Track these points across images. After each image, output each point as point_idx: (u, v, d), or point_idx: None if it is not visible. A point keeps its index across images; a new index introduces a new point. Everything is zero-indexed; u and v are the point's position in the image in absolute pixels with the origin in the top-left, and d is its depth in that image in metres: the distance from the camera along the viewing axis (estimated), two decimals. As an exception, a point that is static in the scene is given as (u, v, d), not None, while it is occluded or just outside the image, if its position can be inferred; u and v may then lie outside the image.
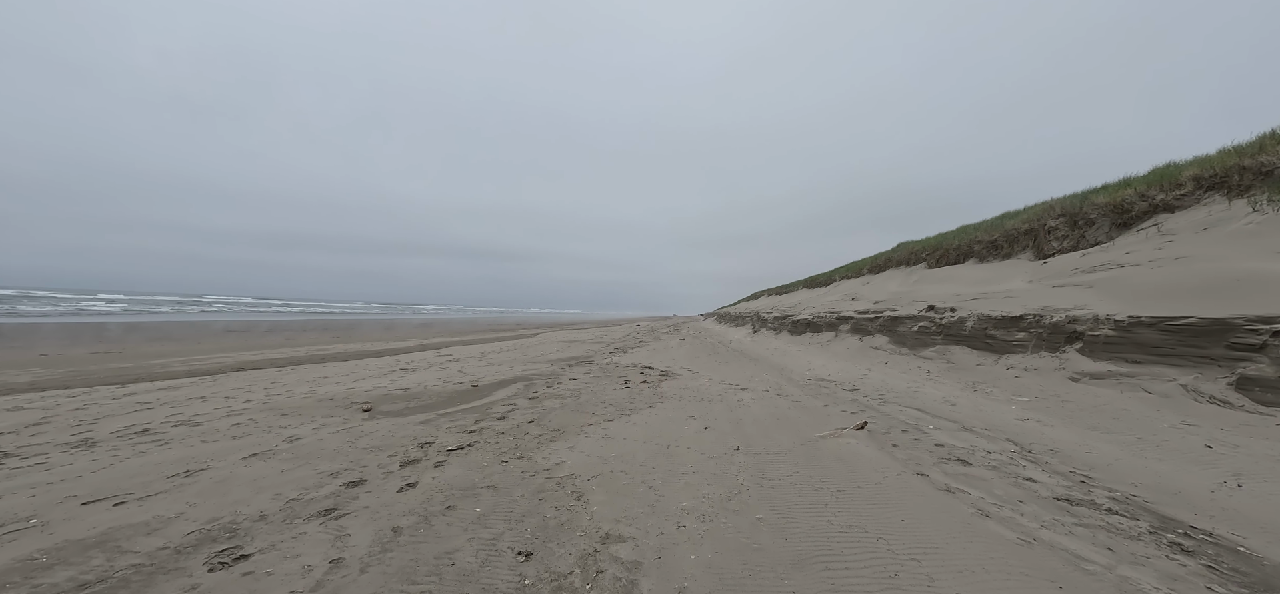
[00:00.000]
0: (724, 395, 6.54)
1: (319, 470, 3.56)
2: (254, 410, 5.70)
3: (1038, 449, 3.89)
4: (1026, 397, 5.64)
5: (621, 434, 4.53)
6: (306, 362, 11.19)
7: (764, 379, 8.13)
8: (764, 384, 7.55)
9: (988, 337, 7.95)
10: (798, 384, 7.51)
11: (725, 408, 5.70)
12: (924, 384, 7.05)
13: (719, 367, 10.13)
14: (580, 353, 13.54)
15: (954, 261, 16.37)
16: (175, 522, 2.73)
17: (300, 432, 4.71)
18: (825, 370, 8.98)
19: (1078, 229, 11.94)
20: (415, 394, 6.69)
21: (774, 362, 10.78)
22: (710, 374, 8.87)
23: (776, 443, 4.16)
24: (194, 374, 8.91)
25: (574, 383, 7.75)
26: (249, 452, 4.06)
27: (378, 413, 5.63)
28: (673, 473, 3.45)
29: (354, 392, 6.85)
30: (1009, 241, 14.09)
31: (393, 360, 11.63)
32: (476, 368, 9.69)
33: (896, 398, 6.13)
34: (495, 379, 8.08)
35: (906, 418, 5.05)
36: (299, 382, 7.92)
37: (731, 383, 7.73)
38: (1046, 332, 6.96)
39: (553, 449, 4.08)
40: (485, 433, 4.61)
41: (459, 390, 7.01)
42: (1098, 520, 2.66)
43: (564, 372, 9.20)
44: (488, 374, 8.69)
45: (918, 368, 8.38)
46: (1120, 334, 5.96)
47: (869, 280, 20.99)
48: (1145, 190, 10.58)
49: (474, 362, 11.00)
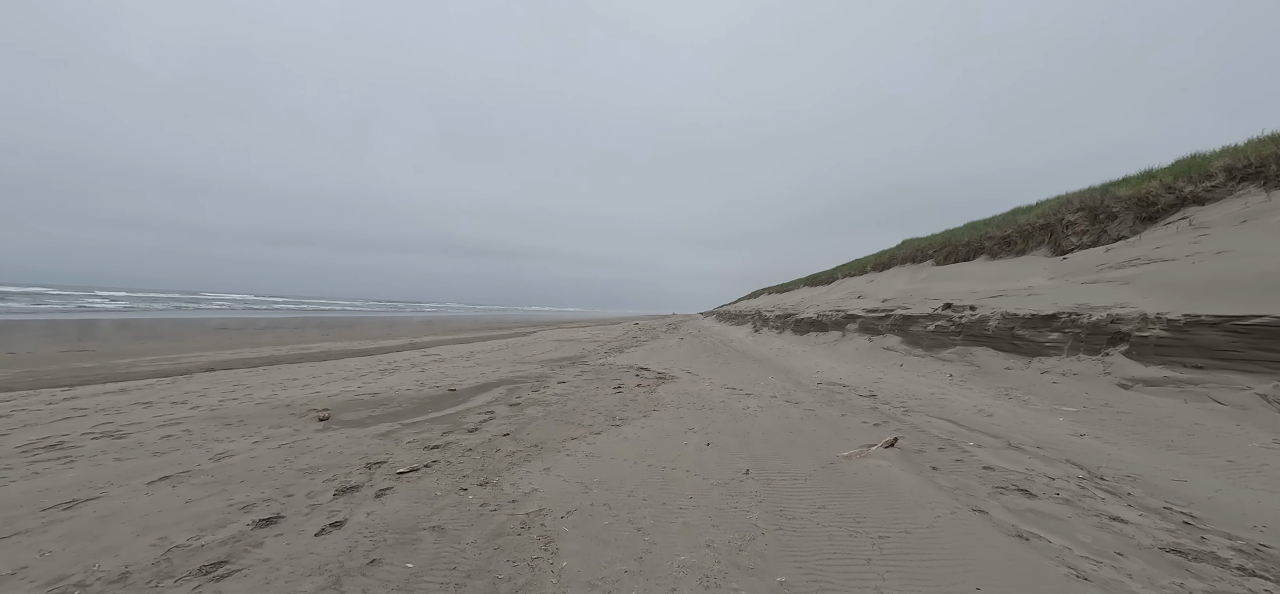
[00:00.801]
0: (727, 402, 5.87)
1: (231, 502, 2.88)
2: (197, 419, 5.02)
3: (1110, 475, 3.21)
4: (1072, 406, 4.97)
5: (609, 451, 3.86)
6: (284, 361, 10.51)
7: (770, 383, 7.45)
8: (770, 389, 6.88)
9: (1015, 337, 7.28)
10: (807, 389, 6.83)
11: (729, 418, 5.02)
12: (949, 390, 6.37)
13: (720, 368, 9.46)
14: (574, 353, 12.86)
15: (963, 258, 15.73)
16: (4, 583, 2.06)
17: (236, 446, 4.04)
18: (835, 373, 8.30)
19: (1098, 224, 11.29)
20: (384, 399, 6.00)
21: (779, 363, 10.10)
22: (711, 377, 8.19)
23: (793, 464, 3.48)
24: (158, 375, 8.23)
25: (562, 387, 7.07)
26: (162, 474, 3.38)
27: (335, 422, 4.95)
28: (668, 508, 2.78)
29: (318, 396, 6.17)
30: (1023, 237, 13.44)
31: (376, 360, 10.96)
32: (461, 369, 9.01)
33: (921, 406, 5.45)
34: (477, 382, 7.40)
35: (939, 432, 4.37)
36: (265, 384, 7.24)
37: (734, 387, 7.05)
38: (1085, 332, 6.29)
39: (525, 472, 3.41)
40: (450, 449, 3.93)
41: (434, 395, 6.33)
42: (1233, 586, 1.99)
43: (554, 374, 8.52)
44: (471, 376, 8.01)
45: (937, 371, 7.70)
46: (1175, 335, 5.29)
47: (873, 278, 20.34)
48: (1171, 182, 9.90)
49: (460, 362, 10.32)
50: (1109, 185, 11.89)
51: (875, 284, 18.48)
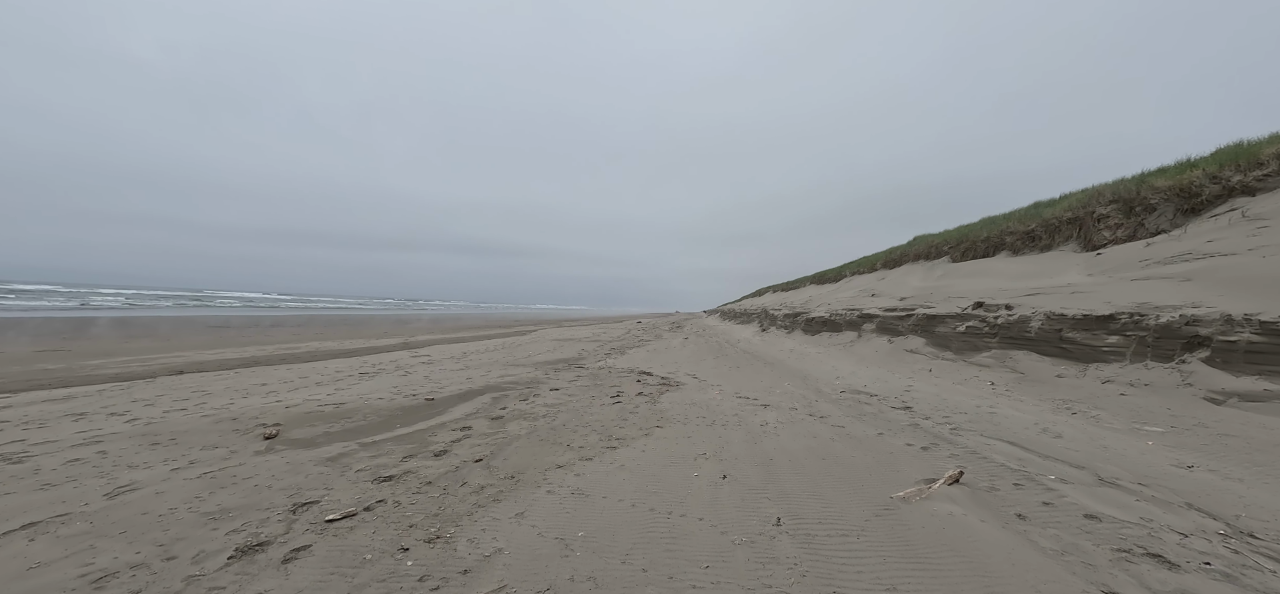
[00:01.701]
0: (741, 416, 5.09)
1: (86, 571, 2.13)
2: (123, 437, 4.29)
3: (1263, 531, 2.43)
4: (1157, 426, 4.17)
5: (602, 486, 3.10)
6: (263, 363, 9.79)
7: (786, 391, 6.67)
8: (789, 398, 6.10)
9: (1064, 340, 6.47)
10: (830, 399, 6.05)
11: (746, 437, 4.25)
12: (996, 401, 5.57)
13: (729, 373, 8.68)
14: (572, 353, 12.11)
15: (982, 254, 14.93)
16: None
17: (147, 475, 3.30)
18: (858, 379, 7.51)
19: (1134, 217, 10.46)
20: (350, 411, 5.26)
21: (793, 366, 9.31)
22: (720, 383, 7.41)
23: (836, 508, 2.71)
24: (120, 379, 7.52)
25: (555, 395, 6.31)
26: (30, 518, 2.64)
27: (283, 440, 4.21)
28: (677, 583, 2.02)
29: (276, 407, 5.43)
30: (1048, 232, 12.62)
31: (360, 362, 10.24)
32: (447, 372, 8.27)
33: (970, 423, 4.66)
34: (461, 389, 6.64)
35: (1004, 458, 3.59)
36: (227, 390, 6.51)
37: (748, 396, 6.27)
38: (1152, 335, 5.48)
39: (492, 519, 2.65)
40: (405, 483, 3.18)
41: (408, 405, 5.58)
42: None
43: (547, 378, 7.76)
44: (456, 381, 7.26)
45: (975, 378, 6.90)
46: (1271, 339, 4.49)
47: (885, 276, 19.53)
48: (1217, 172, 9.07)
49: (449, 364, 9.58)
50: (1144, 176, 11.06)
51: (887, 282, 17.70)
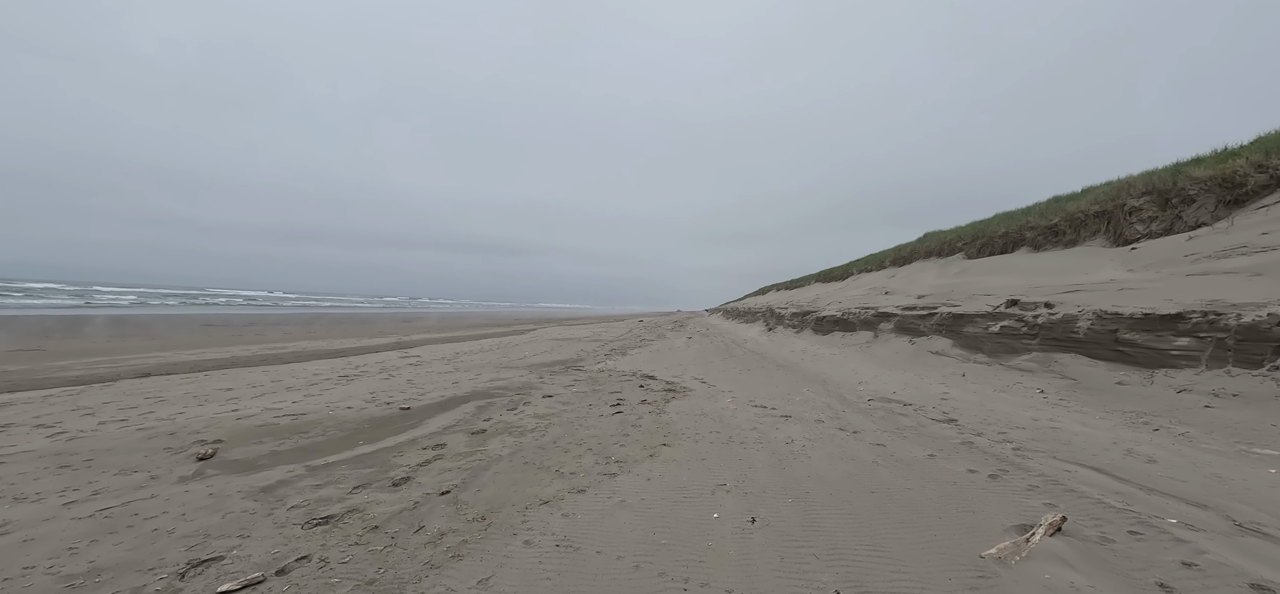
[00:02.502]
0: (761, 430, 4.40)
1: None
2: (34, 456, 3.62)
3: None
4: (1272, 447, 3.45)
5: (595, 532, 2.40)
6: (242, 364, 9.12)
7: (806, 398, 5.96)
8: (811, 407, 5.39)
9: (1120, 343, 5.75)
10: (858, 409, 5.34)
11: (771, 459, 3.55)
12: (1055, 414, 4.85)
13: (740, 376, 7.98)
14: (570, 354, 11.42)
15: (1000, 250, 14.23)
16: None
17: (29, 513, 2.62)
18: (883, 384, 6.79)
19: (1171, 209, 9.72)
20: (309, 424, 4.57)
21: (808, 369, 8.60)
22: (731, 388, 6.71)
23: (910, 572, 2.02)
24: (80, 382, 6.86)
25: (548, 403, 5.62)
26: None
27: (218, 462, 3.53)
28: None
29: (226, 419, 4.75)
30: (1073, 226, 11.89)
31: (343, 364, 9.58)
32: (434, 376, 7.59)
33: (1032, 441, 3.95)
34: (444, 395, 5.95)
35: (1098, 492, 2.88)
36: (183, 397, 5.84)
37: (765, 405, 5.57)
38: (1233, 337, 4.76)
39: (446, 585, 1.96)
40: (343, 527, 2.48)
41: (380, 416, 4.89)
42: None
43: (541, 383, 7.07)
44: (440, 386, 6.58)
45: (1017, 384, 6.18)
46: (1395, 344, 3.77)
47: (895, 273, 18.82)
48: (1263, 160, 8.33)
49: (438, 366, 8.90)
50: (1179, 166, 10.34)
51: (899, 279, 16.99)
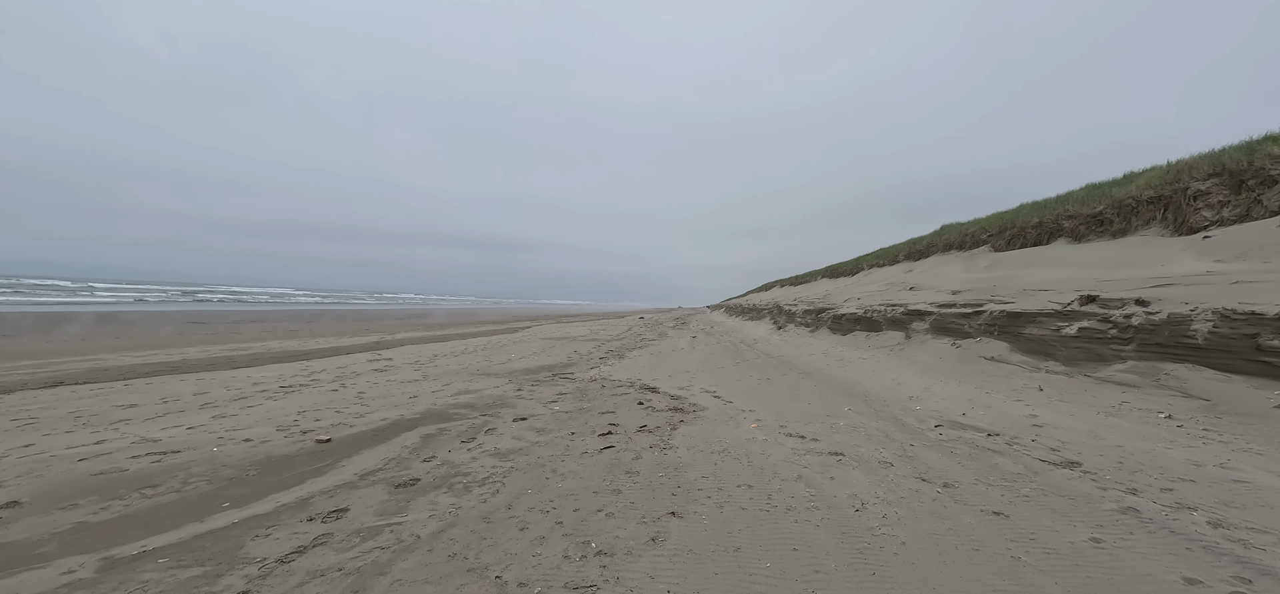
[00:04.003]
0: (809, 480, 3.07)
1: None
2: None
3: None
4: None
5: None
6: (185, 370, 7.78)
7: (852, 422, 4.61)
8: (864, 438, 4.05)
9: (1262, 352, 4.41)
10: (926, 439, 4.00)
11: (842, 548, 2.22)
12: (1221, 455, 3.50)
13: (759, 387, 6.64)
14: (561, 357, 10.08)
15: (1033, 242, 12.90)
16: None
17: None
18: (940, 401, 5.44)
19: (1246, 192, 8.41)
20: (170, 471, 3.23)
21: (837, 378, 7.25)
22: (753, 406, 5.37)
23: None
24: None
25: (518, 429, 4.28)
26: None
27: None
28: None
29: (60, 459, 3.42)
30: (1122, 214, 10.54)
31: (299, 368, 8.28)
32: (392, 387, 6.26)
33: (1222, 504, 2.62)
34: (385, 419, 4.62)
35: None
36: (50, 419, 4.52)
37: (802, 433, 4.23)
38: None
39: None
40: None
41: (282, 453, 3.55)
42: None
43: (518, 397, 5.74)
44: (390, 403, 5.24)
45: (1125, 404, 4.83)
46: None
47: (912, 268, 17.47)
48: None
49: (403, 373, 7.57)
50: (1254, 143, 8.99)
51: (918, 274, 15.65)
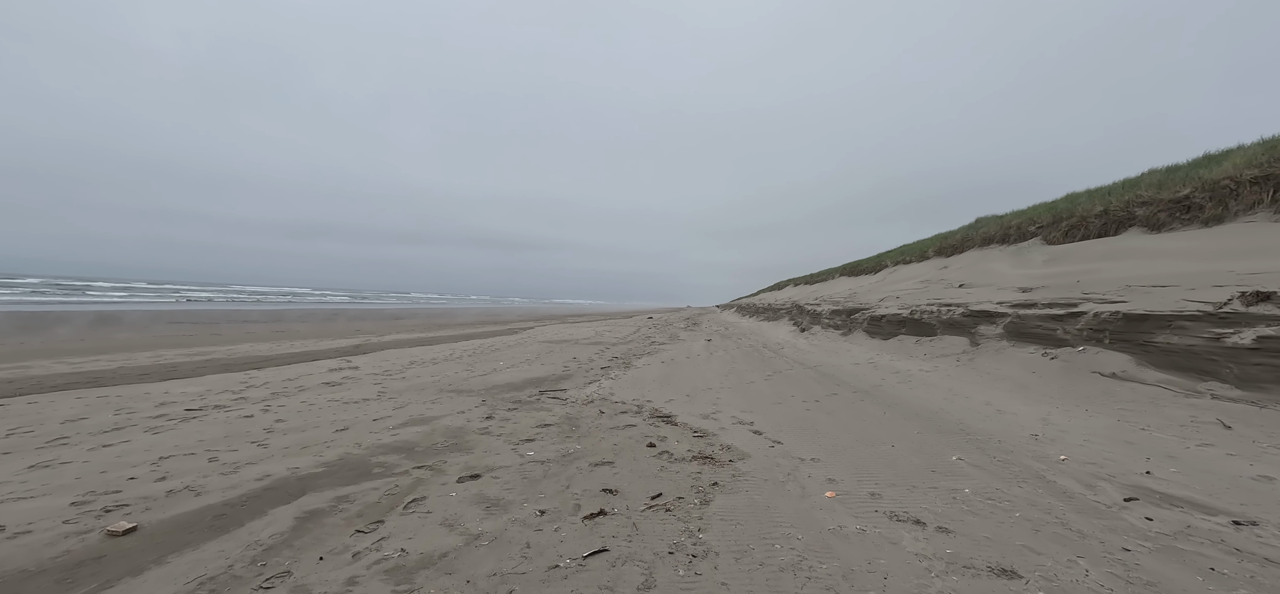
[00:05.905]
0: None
1: None
2: None
3: None
4: None
5: None
6: (107, 382, 6.32)
7: (984, 490, 2.95)
8: (1028, 532, 2.39)
9: None
10: (1130, 532, 2.34)
11: None
12: None
13: (810, 414, 4.99)
14: (556, 367, 8.50)
15: (1098, 233, 11.06)
16: None
17: None
18: (1090, 446, 3.75)
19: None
20: None
21: (909, 402, 5.57)
22: (815, 453, 3.72)
23: None
24: None
25: (460, 501, 2.70)
26: None
27: None
28: None
29: None
30: (1214, 198, 8.74)
31: (240, 378, 6.84)
32: (327, 410, 4.73)
33: None
34: (264, 478, 3.05)
35: None
36: None
37: (909, 512, 2.58)
38: None
39: None
40: None
41: (13, 569, 2.02)
42: None
43: (479, 438, 4.14)
44: (306, 439, 3.68)
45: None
46: None
47: (947, 264, 15.63)
48: None
49: (360, 388, 6.03)
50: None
51: (956, 270, 13.88)
